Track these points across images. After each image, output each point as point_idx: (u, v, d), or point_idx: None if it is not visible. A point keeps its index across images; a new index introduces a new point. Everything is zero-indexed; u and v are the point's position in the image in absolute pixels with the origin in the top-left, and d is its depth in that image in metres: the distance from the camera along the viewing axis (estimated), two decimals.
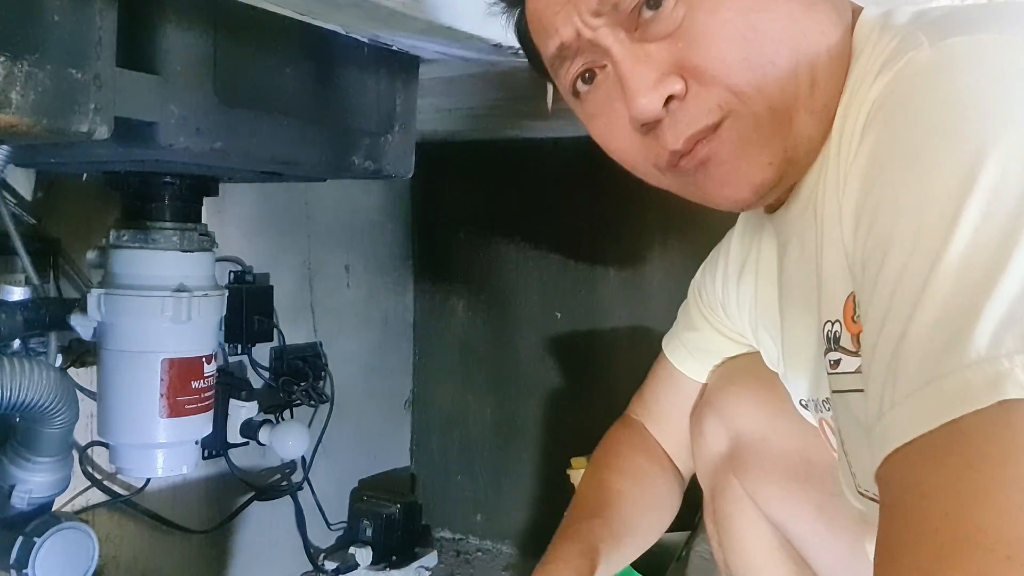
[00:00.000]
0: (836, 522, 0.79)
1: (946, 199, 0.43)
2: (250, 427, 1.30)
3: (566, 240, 1.71)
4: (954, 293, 0.41)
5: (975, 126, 0.44)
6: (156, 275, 1.01)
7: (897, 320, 0.43)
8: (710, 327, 0.88)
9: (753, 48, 0.55)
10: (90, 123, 0.65)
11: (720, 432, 0.88)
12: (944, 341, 0.40)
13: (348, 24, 0.88)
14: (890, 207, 0.47)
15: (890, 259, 0.45)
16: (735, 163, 0.57)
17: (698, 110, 0.56)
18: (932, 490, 0.39)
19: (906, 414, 0.41)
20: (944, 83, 0.48)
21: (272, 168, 1.00)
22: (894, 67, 0.51)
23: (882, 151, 0.50)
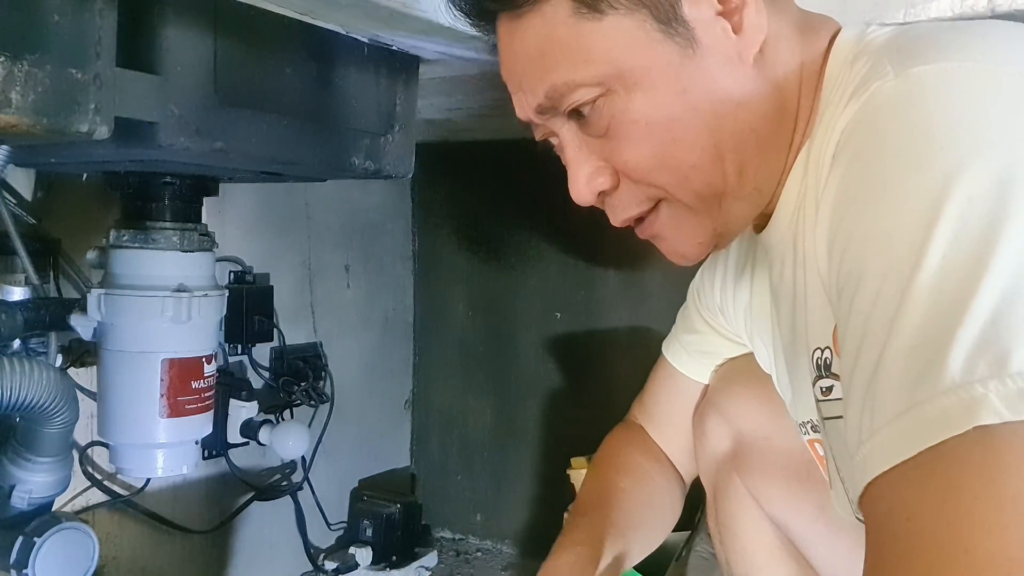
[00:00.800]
0: (838, 521, 0.79)
1: (914, 227, 0.43)
2: (250, 427, 1.30)
3: (566, 240, 1.71)
4: (926, 320, 0.41)
5: (941, 155, 0.45)
6: (156, 275, 1.01)
7: (872, 349, 0.44)
8: (710, 329, 0.89)
9: (673, 156, 0.59)
10: (90, 123, 0.65)
11: (723, 431, 0.88)
12: (918, 369, 0.41)
13: (348, 24, 0.88)
14: (861, 237, 0.47)
15: (862, 289, 0.45)
16: (674, 239, 0.64)
17: (629, 201, 0.63)
18: (917, 513, 0.39)
19: (885, 441, 0.41)
20: (909, 113, 0.48)
21: (272, 168, 1.00)
22: (861, 97, 0.52)
23: (851, 182, 0.51)
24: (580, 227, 1.74)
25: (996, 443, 0.38)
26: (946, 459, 0.39)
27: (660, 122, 0.58)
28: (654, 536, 0.91)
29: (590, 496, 0.90)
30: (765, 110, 0.59)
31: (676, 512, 0.95)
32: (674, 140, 0.58)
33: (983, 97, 0.47)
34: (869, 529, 0.43)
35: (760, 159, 0.60)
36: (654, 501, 0.92)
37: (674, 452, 0.95)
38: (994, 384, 0.38)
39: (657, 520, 0.92)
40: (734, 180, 0.60)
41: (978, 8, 0.76)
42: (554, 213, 1.71)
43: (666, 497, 0.93)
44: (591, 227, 1.64)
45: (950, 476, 0.39)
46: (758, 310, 0.79)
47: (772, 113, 0.59)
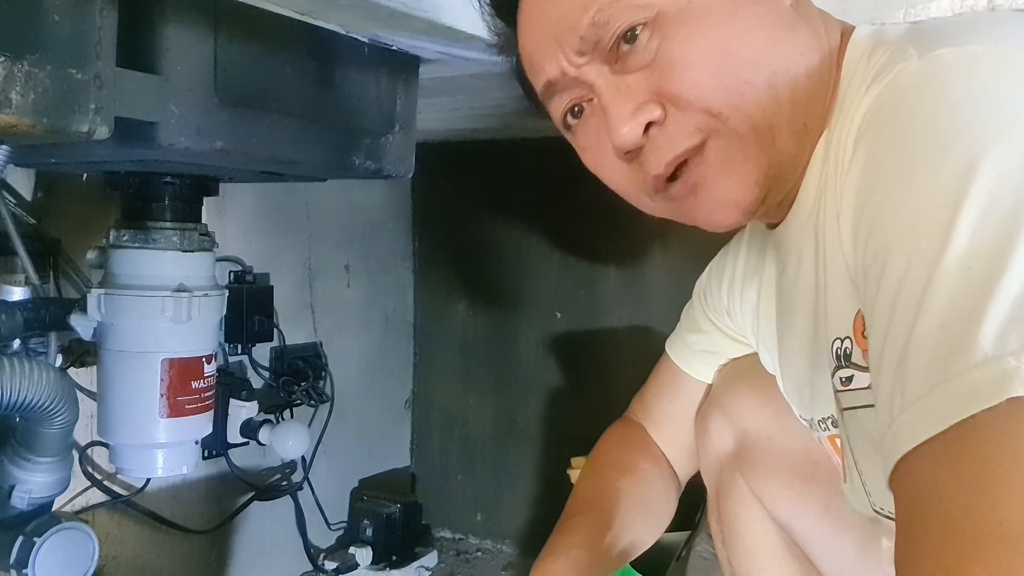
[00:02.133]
0: (842, 521, 0.79)
1: (942, 205, 0.43)
2: (250, 427, 1.30)
3: (566, 240, 1.71)
4: (956, 296, 0.41)
5: (967, 134, 0.45)
6: (156, 275, 1.01)
7: (901, 327, 0.43)
8: (716, 329, 0.88)
9: (728, 71, 0.56)
10: (90, 123, 0.65)
11: (726, 431, 0.88)
12: (949, 344, 0.41)
13: (348, 24, 0.88)
14: (887, 217, 0.47)
15: (889, 268, 0.45)
16: (723, 185, 0.59)
17: (678, 134, 0.58)
18: (950, 489, 0.39)
19: (916, 417, 0.41)
20: (934, 93, 0.48)
21: (272, 168, 1.00)
22: (884, 79, 0.52)
23: (875, 163, 0.50)
24: (580, 227, 1.74)
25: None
26: (978, 432, 0.39)
27: (714, 38, 0.56)
28: (648, 537, 0.90)
29: (586, 495, 0.90)
30: (809, 45, 0.59)
31: (670, 513, 0.94)
32: (730, 52, 0.56)
33: (1008, 79, 0.47)
34: (899, 506, 0.43)
35: (808, 90, 0.58)
36: (650, 502, 0.91)
37: (673, 452, 0.95)
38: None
39: (652, 521, 0.91)
40: (788, 108, 0.57)
41: (978, 8, 0.76)
42: (554, 213, 1.72)
43: (661, 498, 0.93)
44: (591, 227, 1.65)
45: (982, 449, 0.38)
46: (764, 311, 0.79)
47: (814, 51, 0.59)
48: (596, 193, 0.69)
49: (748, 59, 0.56)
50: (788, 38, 0.58)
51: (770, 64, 0.57)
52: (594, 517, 0.85)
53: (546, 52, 0.62)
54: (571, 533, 0.83)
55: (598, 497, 0.88)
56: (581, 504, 0.88)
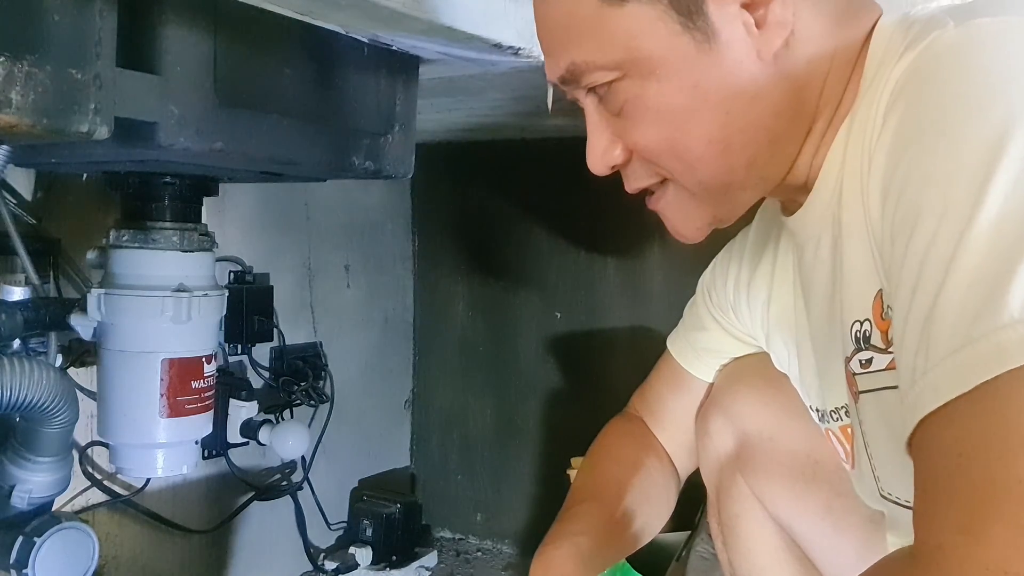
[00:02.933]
0: (844, 522, 0.79)
1: (975, 168, 0.43)
2: (250, 427, 1.30)
3: (566, 240, 1.71)
4: (985, 258, 0.41)
5: (1002, 99, 0.45)
6: (156, 275, 1.01)
7: (928, 288, 0.43)
8: (719, 327, 0.88)
9: (681, 145, 0.60)
10: (90, 123, 0.65)
11: (727, 431, 0.87)
12: (976, 306, 0.41)
13: (348, 24, 0.88)
14: (918, 179, 0.47)
15: (920, 229, 0.45)
16: (677, 222, 0.66)
17: (638, 175, 0.65)
18: (971, 448, 0.39)
19: (940, 378, 0.41)
20: (971, 59, 0.48)
21: (272, 168, 1.00)
22: (918, 46, 0.52)
23: (908, 126, 0.50)
24: (580, 227, 1.74)
25: None
26: (1000, 392, 0.39)
27: (671, 112, 0.59)
28: (650, 529, 0.90)
29: (587, 485, 0.90)
30: (780, 106, 0.59)
31: (670, 508, 0.94)
32: (683, 130, 0.59)
33: None
34: (919, 469, 0.43)
35: (771, 152, 0.60)
36: (651, 495, 0.91)
37: (673, 448, 0.95)
38: None
39: (654, 514, 0.91)
40: (742, 173, 0.60)
41: None
42: (554, 213, 1.72)
43: (662, 492, 0.93)
44: (591, 227, 1.65)
45: (1005, 409, 0.39)
46: (778, 305, 0.78)
47: (787, 108, 0.59)
48: (596, 193, 0.70)
49: (702, 135, 0.59)
50: (753, 109, 0.58)
51: (727, 138, 0.59)
52: (596, 506, 0.85)
53: (544, 56, 0.65)
54: (573, 521, 0.82)
55: (599, 488, 0.88)
56: (582, 494, 0.88)
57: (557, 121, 1.28)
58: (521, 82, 1.08)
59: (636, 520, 0.87)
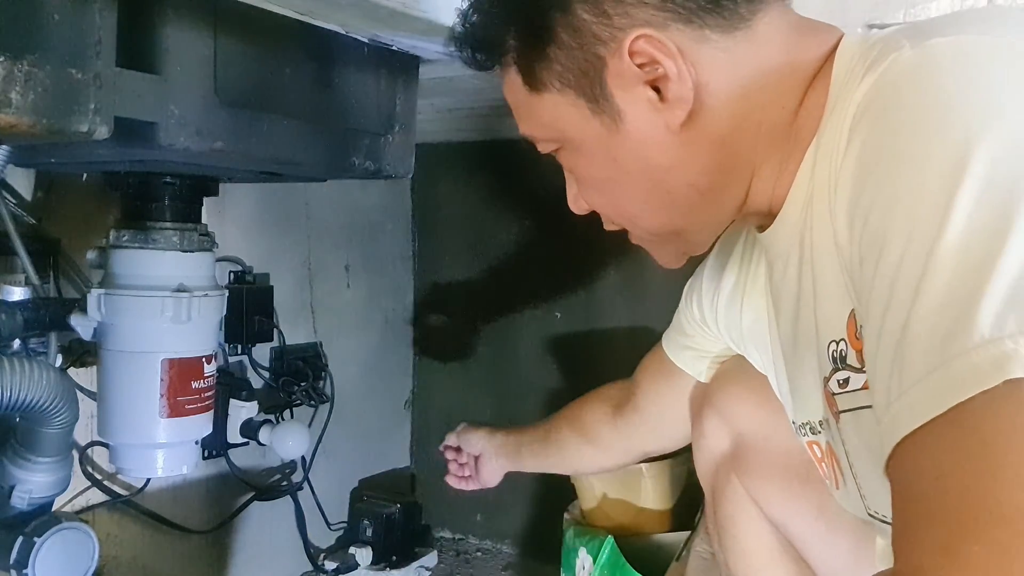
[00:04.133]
0: (837, 522, 0.79)
1: (938, 189, 0.43)
2: (250, 427, 1.30)
3: (566, 240, 1.70)
4: (953, 279, 0.41)
5: (962, 119, 0.45)
6: (156, 275, 1.01)
7: (899, 310, 0.43)
8: (699, 335, 0.92)
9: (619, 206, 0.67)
10: (90, 123, 0.65)
11: (722, 432, 0.88)
12: (947, 327, 0.41)
13: (348, 24, 0.88)
14: (883, 203, 0.47)
15: (887, 253, 0.45)
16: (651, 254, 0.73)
17: (605, 220, 0.72)
18: (948, 470, 0.39)
19: (915, 400, 0.41)
20: (928, 80, 0.49)
21: (272, 168, 1.00)
22: (877, 69, 0.52)
23: (871, 150, 0.51)
24: (580, 227, 1.74)
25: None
26: (976, 414, 0.39)
27: (601, 180, 0.66)
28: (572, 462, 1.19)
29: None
30: (703, 165, 0.61)
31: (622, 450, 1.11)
32: (616, 195, 0.66)
33: (1001, 65, 0.47)
34: (896, 492, 0.43)
35: (707, 201, 0.63)
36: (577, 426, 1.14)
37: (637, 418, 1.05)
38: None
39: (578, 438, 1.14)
40: (682, 220, 0.65)
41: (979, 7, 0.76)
42: (554, 213, 1.71)
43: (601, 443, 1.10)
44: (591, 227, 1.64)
45: (980, 430, 0.39)
46: (751, 313, 0.79)
47: (712, 166, 0.61)
48: None
49: (633, 198, 0.65)
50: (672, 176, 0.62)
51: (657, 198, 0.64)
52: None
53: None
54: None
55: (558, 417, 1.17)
56: None
57: None
58: None
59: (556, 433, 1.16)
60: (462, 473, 1.31)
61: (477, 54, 0.67)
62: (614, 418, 1.07)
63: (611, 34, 0.58)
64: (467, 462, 1.31)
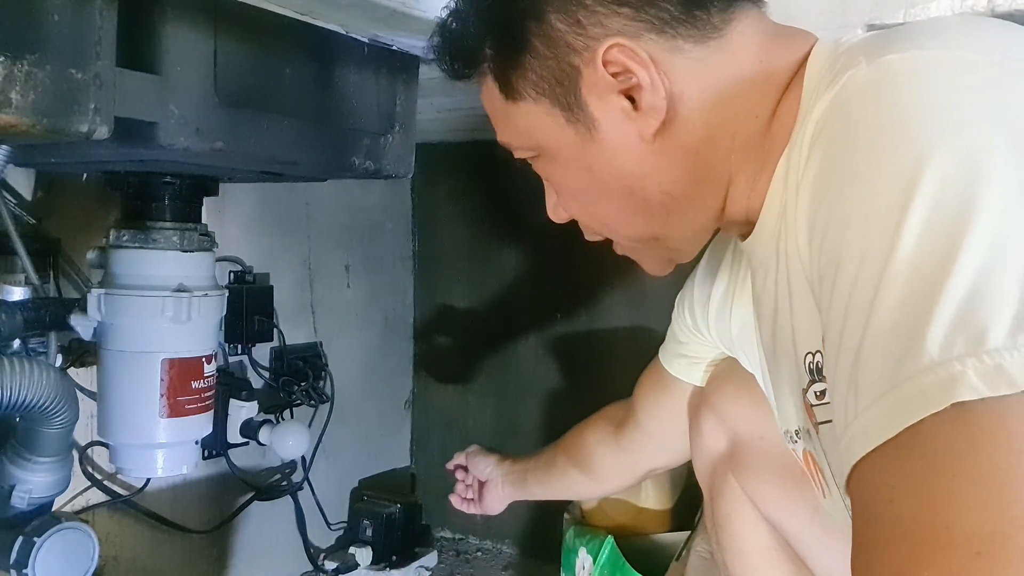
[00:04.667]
0: (832, 521, 0.79)
1: (888, 210, 0.43)
2: (250, 427, 1.30)
3: (566, 240, 1.70)
4: (903, 301, 0.41)
5: (912, 138, 0.45)
6: (156, 275, 1.01)
7: (853, 332, 0.44)
8: (694, 340, 0.92)
9: (595, 214, 0.68)
10: (90, 123, 0.65)
11: (718, 432, 0.88)
12: (897, 349, 0.41)
13: (348, 24, 0.88)
14: (837, 224, 0.48)
15: (841, 274, 0.46)
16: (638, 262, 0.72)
17: (585, 230, 0.72)
18: (899, 494, 0.39)
19: (868, 423, 0.41)
20: (880, 98, 0.49)
21: (272, 168, 1.00)
22: (835, 86, 0.52)
23: (826, 170, 0.51)
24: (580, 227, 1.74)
25: (974, 419, 0.38)
26: (925, 437, 0.39)
27: (577, 189, 0.66)
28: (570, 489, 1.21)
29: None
30: (677, 173, 0.62)
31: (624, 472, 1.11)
32: (592, 202, 0.66)
33: (953, 81, 0.47)
34: (854, 513, 0.43)
35: (685, 207, 0.63)
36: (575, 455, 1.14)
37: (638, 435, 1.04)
38: (972, 361, 0.38)
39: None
40: (660, 228, 0.65)
41: (978, 8, 0.76)
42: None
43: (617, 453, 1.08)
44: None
45: (929, 454, 0.39)
46: (739, 319, 0.80)
47: (687, 174, 0.61)
48: None
49: (608, 206, 0.65)
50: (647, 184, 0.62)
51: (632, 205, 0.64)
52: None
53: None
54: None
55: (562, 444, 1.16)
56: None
57: None
58: None
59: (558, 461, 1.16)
60: (467, 495, 1.31)
61: (455, 63, 0.68)
62: (617, 439, 1.07)
63: (585, 43, 0.59)
64: (472, 484, 1.31)
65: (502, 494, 1.27)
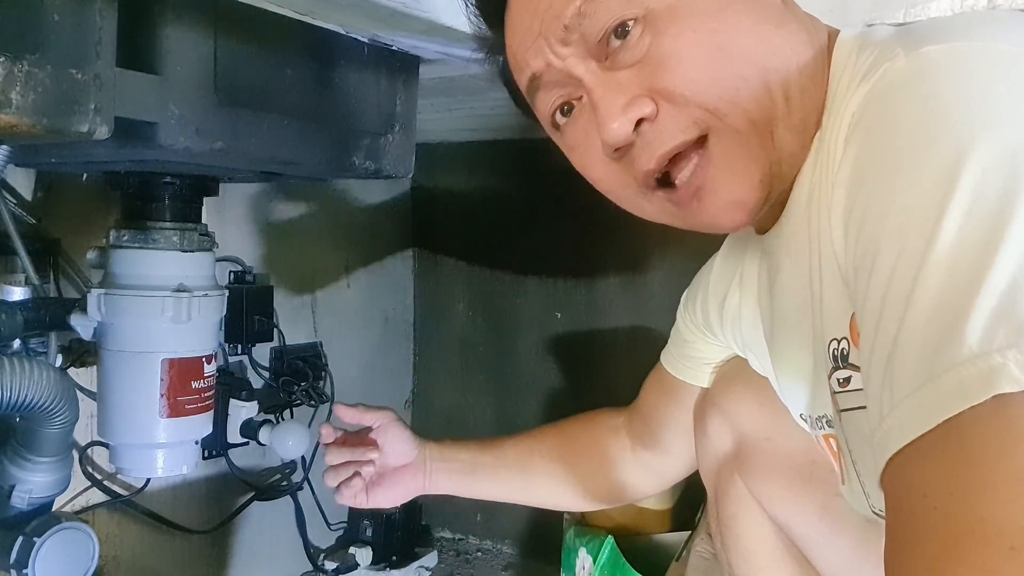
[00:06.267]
0: (841, 522, 0.79)
1: (929, 201, 0.43)
2: (250, 427, 1.30)
3: (566, 240, 1.71)
4: (943, 293, 0.41)
5: (953, 129, 0.45)
6: (156, 275, 1.01)
7: (890, 325, 0.43)
8: (701, 340, 0.91)
9: (721, 67, 0.56)
10: (90, 123, 0.65)
11: (725, 432, 0.88)
12: (936, 341, 0.40)
13: (348, 24, 0.88)
14: (875, 215, 0.47)
15: (879, 265, 0.45)
16: (729, 187, 0.58)
17: (671, 128, 0.57)
18: (934, 488, 0.39)
19: (904, 416, 0.41)
20: (921, 89, 0.48)
21: (272, 168, 1.00)
22: (872, 78, 0.52)
23: (865, 160, 0.50)
24: (580, 227, 1.74)
25: (1014, 412, 0.37)
26: (963, 430, 0.38)
27: (706, 34, 0.56)
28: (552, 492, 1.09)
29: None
30: (801, 37, 0.59)
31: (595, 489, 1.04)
32: (721, 49, 0.56)
33: (994, 73, 0.47)
34: (888, 507, 0.42)
35: (802, 87, 0.58)
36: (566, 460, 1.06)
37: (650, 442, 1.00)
38: (1013, 353, 0.38)
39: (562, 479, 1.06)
40: (783, 104, 0.57)
41: (978, 8, 0.77)
42: (554, 213, 1.72)
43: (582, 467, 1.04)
44: (591, 227, 1.65)
45: (967, 447, 0.38)
46: (747, 321, 0.79)
47: (807, 43, 0.59)
48: (596, 193, 0.69)
49: (740, 55, 0.56)
50: (779, 34, 0.58)
51: (762, 60, 0.57)
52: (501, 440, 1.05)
53: (531, 46, 0.61)
54: None
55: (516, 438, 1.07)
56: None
57: None
58: None
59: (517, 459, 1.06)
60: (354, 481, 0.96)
61: None
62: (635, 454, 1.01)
63: None
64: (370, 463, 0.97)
65: (425, 485, 0.99)
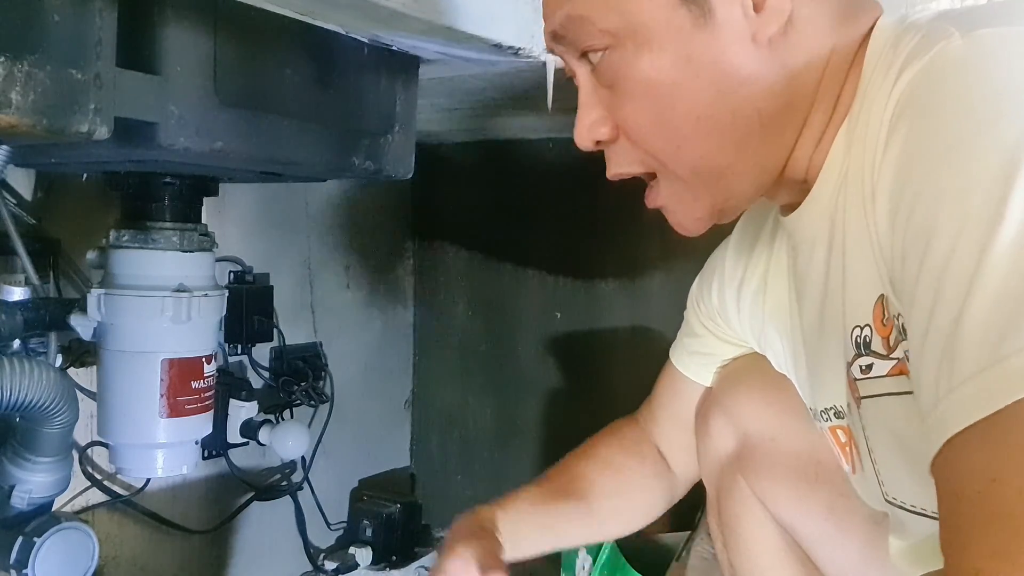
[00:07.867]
0: (846, 522, 0.79)
1: (991, 183, 0.42)
2: (250, 427, 1.30)
3: (566, 240, 1.71)
4: (1010, 275, 0.41)
5: (1014, 113, 0.44)
6: (156, 275, 1.01)
7: (949, 305, 0.43)
8: (710, 334, 0.89)
9: (669, 122, 0.59)
10: (90, 123, 0.65)
11: (727, 431, 0.87)
12: (1003, 324, 0.40)
13: (348, 24, 0.88)
14: (930, 197, 0.46)
15: (934, 247, 0.44)
16: (678, 214, 0.65)
17: (624, 158, 0.63)
18: (1002, 472, 0.39)
19: (966, 398, 0.41)
20: (979, 72, 0.47)
21: (272, 168, 1.00)
22: (923, 58, 0.51)
23: (917, 141, 0.49)
24: (580, 227, 1.74)
25: None
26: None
27: (661, 85, 0.58)
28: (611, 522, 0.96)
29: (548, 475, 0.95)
30: (772, 90, 0.58)
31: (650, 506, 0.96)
32: (672, 106, 0.59)
33: None
34: (944, 492, 0.42)
35: (762, 136, 0.59)
36: (614, 491, 0.94)
37: (671, 450, 0.96)
38: None
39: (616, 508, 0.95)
40: (732, 156, 0.59)
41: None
42: (554, 213, 1.72)
43: (635, 491, 0.95)
44: (591, 227, 1.65)
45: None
46: (773, 297, 0.78)
47: (780, 94, 0.58)
48: (596, 193, 0.69)
49: (690, 113, 0.58)
50: (743, 90, 0.58)
51: (715, 116, 0.58)
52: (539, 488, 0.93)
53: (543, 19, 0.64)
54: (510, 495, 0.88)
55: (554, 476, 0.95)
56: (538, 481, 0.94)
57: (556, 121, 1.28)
58: (521, 82, 1.08)
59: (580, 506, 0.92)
60: None
61: None
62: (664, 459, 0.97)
63: None
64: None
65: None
